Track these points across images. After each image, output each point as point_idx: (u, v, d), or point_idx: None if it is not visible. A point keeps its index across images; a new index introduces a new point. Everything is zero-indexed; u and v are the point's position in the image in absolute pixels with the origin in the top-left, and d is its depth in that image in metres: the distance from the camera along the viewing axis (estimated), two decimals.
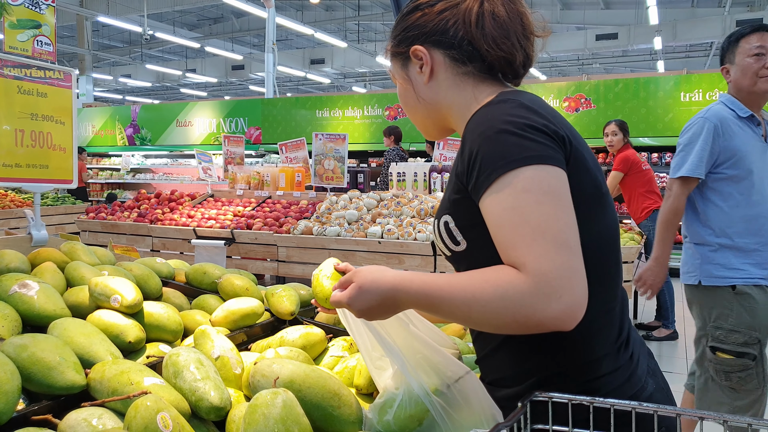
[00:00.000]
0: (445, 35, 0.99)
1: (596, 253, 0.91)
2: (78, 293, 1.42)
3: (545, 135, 0.86)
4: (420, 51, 1.01)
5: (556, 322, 0.77)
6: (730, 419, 0.73)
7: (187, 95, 26.65)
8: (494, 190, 0.84)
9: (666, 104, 7.83)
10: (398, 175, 4.98)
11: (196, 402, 1.03)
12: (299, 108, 10.59)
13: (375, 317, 0.94)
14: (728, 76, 2.39)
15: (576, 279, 0.79)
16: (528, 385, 0.94)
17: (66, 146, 1.96)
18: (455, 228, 0.95)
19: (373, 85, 25.66)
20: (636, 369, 0.96)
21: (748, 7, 15.48)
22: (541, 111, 0.90)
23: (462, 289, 0.83)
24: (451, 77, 1.01)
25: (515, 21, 0.97)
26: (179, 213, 5.00)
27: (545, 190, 0.82)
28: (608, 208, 0.96)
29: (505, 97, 0.93)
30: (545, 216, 0.81)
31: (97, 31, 20.14)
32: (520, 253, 0.80)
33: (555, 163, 0.85)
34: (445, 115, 1.05)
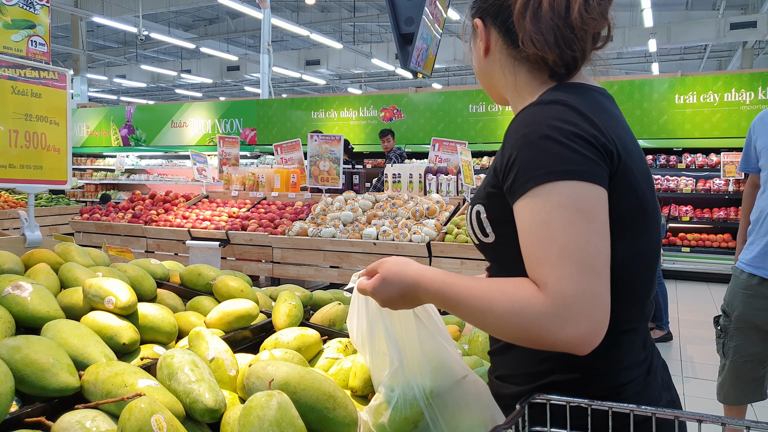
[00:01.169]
0: (500, 16, 0.96)
1: (631, 272, 0.89)
2: (72, 294, 1.41)
3: (592, 147, 0.82)
4: (478, 25, 1.00)
5: (569, 347, 0.76)
6: (728, 422, 0.73)
7: (182, 96, 26.58)
8: (528, 198, 0.81)
9: (660, 106, 7.86)
10: (394, 176, 4.98)
11: (191, 404, 1.02)
12: (294, 109, 10.58)
13: (398, 307, 0.95)
14: None
15: (596, 306, 0.76)
16: (540, 385, 0.92)
17: (60, 147, 1.95)
18: (486, 219, 0.93)
19: (369, 86, 25.66)
20: (651, 382, 0.95)
21: (742, 10, 15.58)
22: (594, 118, 0.84)
23: (479, 298, 0.82)
24: (503, 59, 0.98)
25: (557, 16, 0.89)
26: (174, 214, 4.98)
27: (580, 209, 0.79)
28: (651, 228, 0.91)
29: (557, 97, 0.87)
30: (576, 236, 0.78)
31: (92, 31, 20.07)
32: (543, 271, 0.78)
33: (596, 180, 0.81)
34: (502, 91, 1.03)
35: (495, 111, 8.99)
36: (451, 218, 4.17)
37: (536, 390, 0.90)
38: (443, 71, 22.28)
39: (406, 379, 1.00)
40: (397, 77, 22.72)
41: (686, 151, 7.84)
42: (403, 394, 0.99)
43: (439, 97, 9.54)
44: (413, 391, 0.99)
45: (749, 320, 2.51)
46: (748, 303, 2.50)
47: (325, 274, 4.24)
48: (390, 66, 18.57)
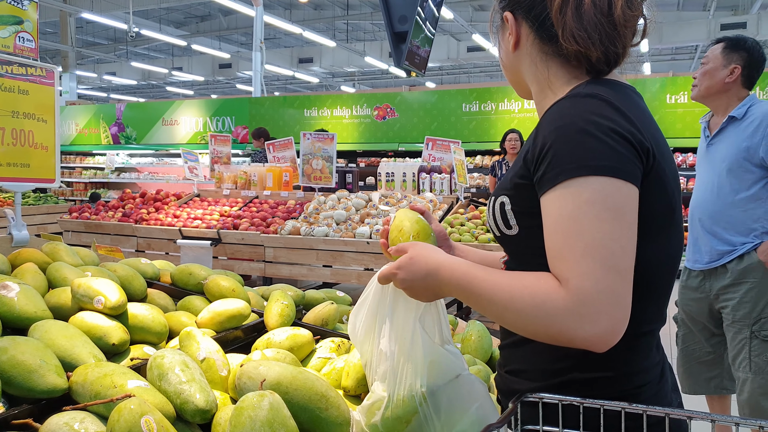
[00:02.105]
0: (533, 10, 0.94)
1: (655, 273, 0.88)
2: (60, 294, 1.40)
3: (628, 144, 0.81)
4: (508, 18, 0.98)
5: (587, 344, 0.76)
6: (717, 419, 0.73)
7: (173, 93, 26.45)
8: (558, 191, 0.80)
9: (652, 106, 7.90)
10: (387, 175, 4.98)
11: (182, 405, 1.01)
12: (287, 107, 10.55)
13: (418, 294, 0.94)
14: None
15: (617, 306, 0.75)
16: (555, 383, 0.90)
17: (48, 145, 1.93)
18: (510, 211, 0.91)
19: (362, 84, 25.63)
20: (665, 385, 0.94)
21: (732, 11, 15.68)
22: (631, 115, 0.83)
23: (501, 290, 0.82)
24: (535, 53, 0.96)
25: (600, 12, 0.88)
26: (165, 213, 4.95)
27: (609, 207, 0.78)
28: (677, 229, 0.90)
29: (593, 91, 0.86)
30: (602, 234, 0.77)
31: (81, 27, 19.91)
32: (566, 266, 0.77)
33: (629, 178, 0.79)
34: (526, 86, 1.02)
35: (488, 110, 9.00)
36: (444, 217, 4.17)
37: (553, 387, 0.89)
38: (437, 70, 22.29)
39: (401, 378, 0.99)
40: (391, 75, 22.71)
41: (677, 151, 7.89)
42: (396, 392, 0.99)
43: (433, 96, 9.54)
44: (407, 389, 0.98)
45: (685, 311, 2.70)
46: (681, 295, 2.70)
47: (318, 273, 4.22)
48: (383, 64, 18.56)
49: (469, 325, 1.61)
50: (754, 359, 2.44)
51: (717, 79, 2.48)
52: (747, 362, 2.46)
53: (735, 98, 2.49)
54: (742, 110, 2.44)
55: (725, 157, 2.46)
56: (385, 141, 9.72)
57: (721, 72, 2.47)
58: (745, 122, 2.43)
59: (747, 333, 2.46)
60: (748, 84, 2.49)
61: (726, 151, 2.46)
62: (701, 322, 2.65)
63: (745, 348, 2.46)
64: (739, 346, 2.49)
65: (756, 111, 2.42)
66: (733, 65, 2.45)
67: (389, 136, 9.69)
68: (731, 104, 2.50)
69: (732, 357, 2.54)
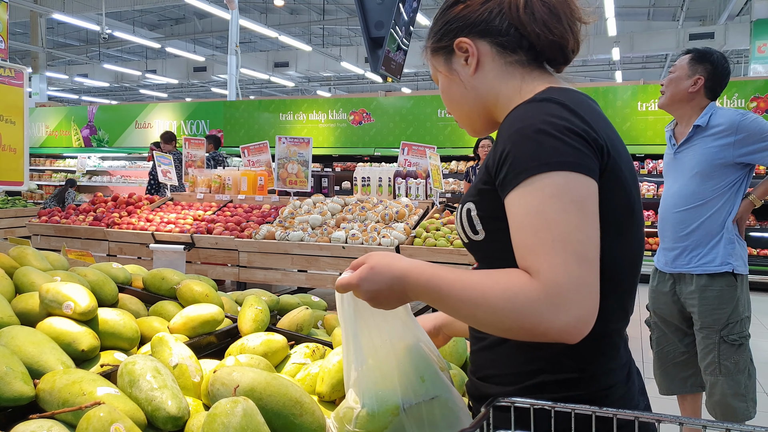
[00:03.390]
0: (491, 24, 0.97)
1: (618, 270, 0.90)
2: (27, 300, 1.37)
3: (584, 141, 0.84)
4: (465, 43, 0.99)
5: (561, 334, 0.76)
6: (685, 421, 0.75)
7: (146, 96, 26.07)
8: (521, 190, 0.82)
9: (624, 113, 8.05)
10: (363, 179, 4.98)
11: (153, 412, 1.00)
12: (262, 111, 10.48)
13: (382, 303, 0.92)
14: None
15: (589, 294, 0.77)
16: (526, 387, 0.91)
17: (16, 146, 1.89)
18: (476, 217, 0.93)
19: (338, 89, 25.61)
20: (632, 386, 0.96)
21: (700, 21, 16.10)
22: (585, 115, 0.87)
23: (471, 288, 0.82)
24: (499, 66, 0.99)
25: (565, 5, 0.96)
26: (137, 217, 4.87)
27: (573, 199, 0.80)
28: (637, 227, 0.93)
29: (549, 95, 0.90)
30: (568, 225, 0.79)
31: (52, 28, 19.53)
32: (536, 259, 0.79)
33: (588, 172, 0.83)
34: (492, 107, 1.02)
35: None
36: (420, 222, 4.18)
37: (524, 390, 0.90)
38: (412, 76, 22.39)
39: (375, 387, 0.99)
40: (367, 80, 22.74)
41: (648, 157, 8.05)
42: (370, 401, 0.98)
43: (409, 102, 9.58)
44: (381, 399, 0.98)
45: (657, 314, 2.77)
46: (652, 298, 2.77)
47: (293, 278, 4.20)
48: (359, 69, 18.58)
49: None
50: (723, 362, 2.50)
51: (681, 88, 2.57)
52: (716, 366, 2.51)
53: (697, 108, 2.58)
54: (705, 118, 2.53)
55: (695, 164, 2.54)
56: (361, 146, 9.72)
57: (685, 81, 2.56)
58: (710, 130, 2.51)
59: (716, 338, 2.51)
60: (711, 95, 2.57)
61: (695, 159, 2.54)
62: (674, 324, 2.71)
63: (713, 352, 2.52)
64: (707, 350, 2.54)
65: (719, 118, 2.51)
66: (697, 76, 2.53)
67: (365, 141, 9.70)
68: (694, 114, 2.58)
69: (700, 360, 2.59)
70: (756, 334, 2.70)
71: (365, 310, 0.98)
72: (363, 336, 1.00)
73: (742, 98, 7.52)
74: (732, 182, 2.49)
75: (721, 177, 2.49)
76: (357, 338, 0.99)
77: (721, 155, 2.47)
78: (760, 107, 7.44)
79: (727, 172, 2.48)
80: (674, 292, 2.66)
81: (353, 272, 0.93)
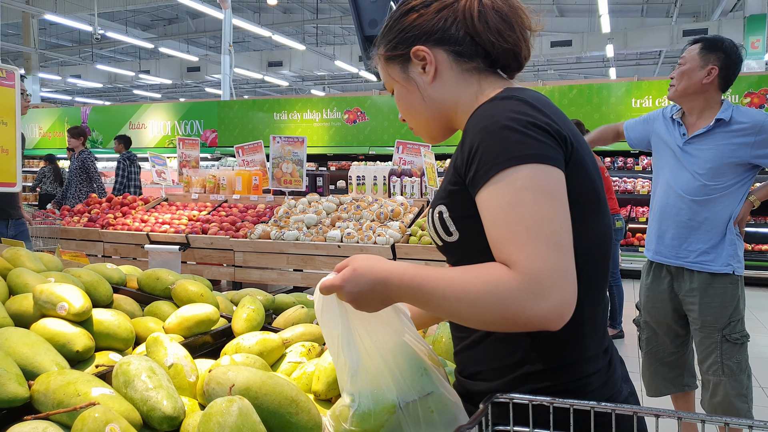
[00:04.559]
0: (446, 33, 0.99)
1: (589, 257, 0.92)
2: (21, 301, 1.36)
3: (547, 134, 0.86)
4: (422, 51, 1.00)
5: (543, 321, 0.78)
6: (684, 416, 0.74)
7: (140, 97, 25.98)
8: (492, 185, 0.84)
9: (618, 110, 8.07)
10: (358, 178, 4.97)
11: (148, 412, 0.99)
12: (256, 110, 10.46)
13: (365, 305, 0.92)
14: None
15: (566, 280, 0.79)
16: (510, 380, 0.93)
17: (9, 148, 1.88)
18: (449, 218, 0.95)
19: (332, 88, 25.59)
20: (614, 373, 0.98)
21: (694, 17, 16.15)
22: (545, 110, 0.90)
23: (452, 284, 0.83)
24: (457, 74, 1.01)
25: (516, 14, 0.98)
26: (132, 217, 4.85)
27: (543, 190, 0.82)
28: (604, 214, 0.96)
29: (509, 94, 0.93)
30: (541, 215, 0.81)
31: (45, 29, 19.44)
32: (512, 250, 0.80)
33: (555, 163, 0.85)
34: (451, 114, 1.04)
35: None
36: (415, 220, 4.18)
37: (509, 384, 0.92)
38: None
39: (371, 385, 0.98)
40: (361, 79, 22.72)
41: (643, 154, 8.07)
42: (366, 400, 0.98)
43: None
44: (377, 397, 0.98)
45: (650, 314, 2.71)
46: (646, 296, 2.72)
47: (289, 277, 4.19)
48: (353, 68, 18.57)
49: (440, 327, 1.61)
50: (726, 362, 2.45)
51: (694, 80, 2.46)
52: (719, 365, 2.46)
53: (711, 100, 2.49)
54: (728, 113, 2.43)
55: (709, 158, 2.45)
56: (356, 144, 9.71)
57: (698, 73, 2.45)
58: (732, 126, 2.43)
59: (717, 337, 2.46)
60: (724, 85, 2.48)
61: (710, 153, 2.46)
62: (666, 324, 2.67)
63: (715, 351, 2.46)
64: (708, 350, 2.49)
65: (742, 116, 2.43)
66: (710, 66, 2.43)
67: (360, 140, 9.69)
68: (707, 106, 2.49)
69: (701, 360, 2.53)
70: (751, 329, 2.69)
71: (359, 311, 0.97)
72: (356, 335, 0.99)
73: (735, 94, 7.54)
74: (739, 181, 2.45)
75: (732, 175, 2.43)
76: (350, 337, 0.99)
77: (737, 153, 2.41)
78: (754, 103, 7.46)
79: (738, 171, 2.43)
80: (671, 289, 2.61)
81: (337, 274, 0.93)
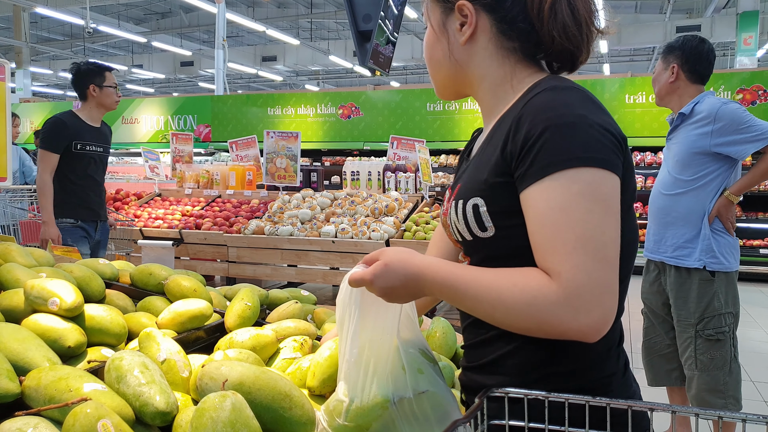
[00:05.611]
0: (502, 4, 0.91)
1: (623, 258, 0.87)
2: (12, 297, 1.34)
3: (611, 136, 0.82)
4: (467, 8, 0.92)
5: (580, 335, 0.76)
6: (678, 410, 0.74)
7: (133, 91, 25.83)
8: (546, 184, 0.79)
9: (612, 106, 8.09)
10: (352, 174, 4.96)
11: (141, 407, 0.98)
12: (250, 105, 10.42)
13: (396, 298, 0.90)
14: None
15: (608, 295, 0.77)
16: (531, 379, 0.90)
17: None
18: (486, 213, 0.88)
19: (327, 83, 25.51)
20: (629, 374, 0.96)
21: (687, 14, 16.19)
22: (605, 109, 0.85)
23: (488, 288, 0.81)
24: (493, 48, 0.94)
25: (588, 12, 0.90)
26: (125, 213, 4.83)
27: (598, 198, 0.78)
28: (633, 216, 0.92)
29: (572, 84, 0.87)
30: (593, 226, 0.77)
31: (36, 23, 19.26)
32: (557, 260, 0.77)
33: (614, 170, 0.81)
34: (471, 82, 0.98)
35: (452, 110, 9.06)
36: (409, 215, 4.18)
37: (528, 383, 0.88)
38: (401, 69, 22.35)
39: (365, 380, 0.98)
40: (355, 74, 22.67)
41: (636, 150, 8.09)
42: (360, 395, 0.97)
43: (398, 95, 9.56)
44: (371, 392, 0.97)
45: (647, 305, 2.80)
46: (643, 288, 2.80)
47: (283, 273, 4.19)
48: (348, 63, 18.52)
49: (434, 322, 1.61)
50: (699, 357, 2.50)
51: (662, 83, 2.63)
52: (693, 360, 2.52)
53: (686, 95, 2.59)
54: (689, 107, 2.53)
55: (676, 152, 2.56)
56: (350, 140, 9.70)
57: (663, 75, 2.62)
58: (693, 117, 2.52)
59: (691, 332, 2.52)
60: (696, 78, 2.57)
61: (678, 146, 2.56)
62: (661, 315, 2.72)
63: (690, 346, 2.53)
64: (685, 345, 2.56)
65: (702, 106, 2.50)
66: (671, 65, 2.58)
67: (354, 135, 9.67)
68: (683, 101, 2.59)
69: (680, 353, 2.61)
70: (742, 324, 2.71)
71: (367, 304, 0.97)
72: (357, 329, 0.99)
73: (728, 90, 7.58)
74: (707, 174, 2.47)
75: (699, 166, 2.48)
76: (353, 331, 0.99)
77: (698, 144, 2.46)
78: (746, 99, 7.50)
79: (705, 162, 2.47)
80: (659, 283, 2.68)
81: (366, 267, 0.91)
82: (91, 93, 3.57)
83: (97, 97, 3.58)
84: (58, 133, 3.48)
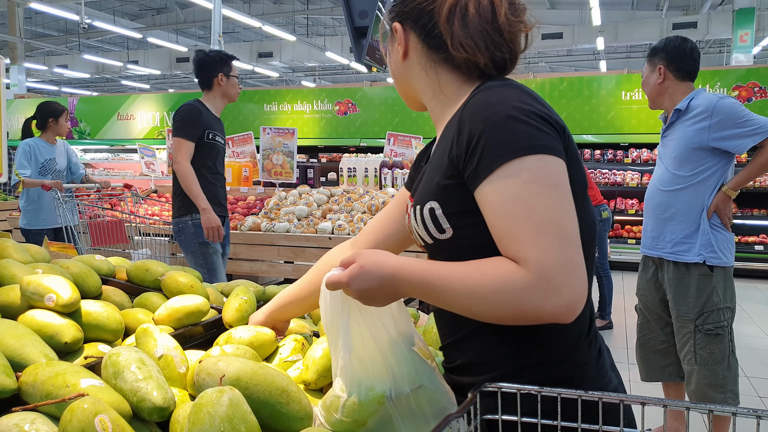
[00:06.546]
0: (420, 20, 0.97)
1: (583, 243, 0.90)
2: (8, 293, 1.34)
3: (549, 124, 0.85)
4: (396, 28, 1.01)
5: (555, 316, 0.77)
6: (669, 404, 0.75)
7: (128, 87, 25.73)
8: (496, 178, 0.82)
9: (608, 102, 8.10)
10: (349, 170, 4.97)
11: (138, 403, 0.99)
12: (246, 102, 10.40)
13: (373, 301, 0.91)
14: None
15: (577, 273, 0.78)
16: (502, 373, 0.92)
17: None
18: (442, 215, 0.91)
19: (323, 79, 25.47)
20: (603, 363, 0.97)
21: (683, 11, 16.19)
22: (541, 99, 0.88)
23: (462, 282, 0.82)
24: (425, 61, 0.99)
25: (485, 20, 0.93)
26: (121, 209, 4.82)
27: (549, 182, 0.81)
28: (589, 201, 0.96)
29: (505, 81, 0.91)
30: (549, 209, 0.80)
31: (30, 18, 19.17)
32: (521, 246, 0.79)
33: (558, 154, 0.84)
34: (418, 95, 1.04)
35: None
36: None
37: (501, 377, 0.91)
38: None
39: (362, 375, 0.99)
40: (352, 71, 22.63)
41: (632, 146, 8.11)
42: (357, 390, 0.98)
43: (394, 92, 9.54)
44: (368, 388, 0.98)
45: (642, 301, 2.82)
46: (639, 285, 2.82)
47: (279, 269, 4.19)
48: (344, 59, 18.48)
49: (430, 318, 1.62)
50: (699, 352, 2.52)
51: (651, 85, 2.65)
52: (692, 355, 2.53)
53: (677, 94, 2.60)
54: (685, 103, 2.54)
55: (674, 148, 2.57)
56: (347, 136, 9.69)
57: (651, 77, 2.64)
58: (690, 113, 2.53)
59: (691, 327, 2.53)
60: (684, 76, 2.59)
61: (675, 143, 2.57)
62: (656, 312, 2.74)
63: (689, 341, 2.54)
64: (684, 340, 2.57)
65: (698, 101, 2.52)
66: (658, 66, 2.61)
67: (351, 132, 9.67)
68: (675, 101, 2.61)
69: (679, 349, 2.62)
70: (737, 320, 2.73)
71: (354, 301, 0.97)
72: (352, 326, 0.99)
73: (724, 87, 7.60)
74: (705, 169, 2.49)
75: (698, 162, 2.49)
76: (346, 328, 0.99)
77: (696, 139, 2.47)
78: (742, 96, 7.52)
79: (703, 157, 2.48)
80: (656, 279, 2.69)
81: (343, 270, 0.92)
82: (218, 82, 3.37)
83: (223, 86, 3.39)
84: (195, 120, 3.26)
